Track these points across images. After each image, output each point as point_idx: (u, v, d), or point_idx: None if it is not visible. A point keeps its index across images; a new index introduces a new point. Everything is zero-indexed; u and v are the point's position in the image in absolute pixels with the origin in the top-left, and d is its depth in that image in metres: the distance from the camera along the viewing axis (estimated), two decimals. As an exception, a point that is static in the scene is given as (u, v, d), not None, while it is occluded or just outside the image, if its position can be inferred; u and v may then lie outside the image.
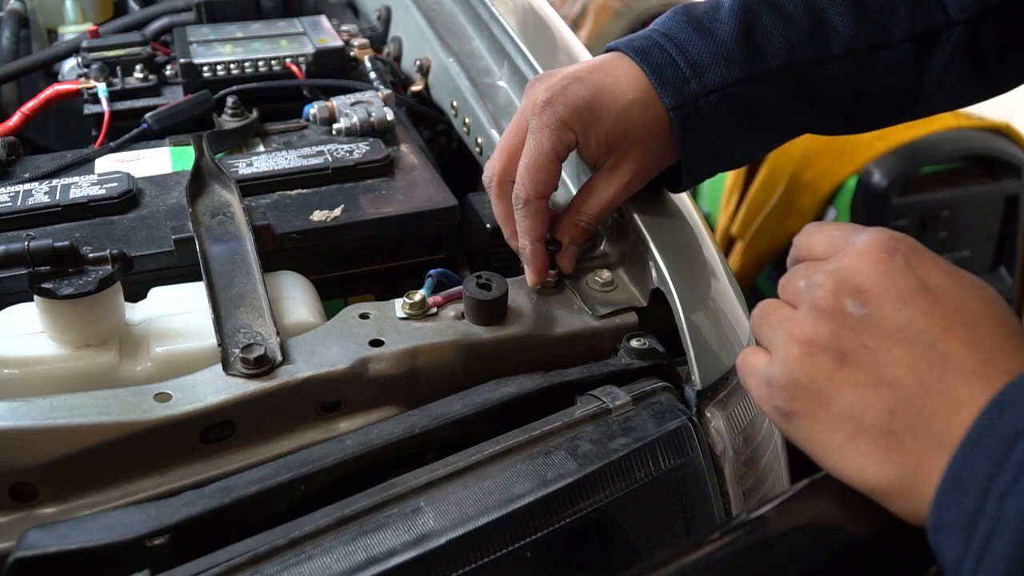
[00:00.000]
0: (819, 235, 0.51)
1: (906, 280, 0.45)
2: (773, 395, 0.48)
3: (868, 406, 0.44)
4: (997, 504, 0.38)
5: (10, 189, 0.77)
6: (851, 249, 0.47)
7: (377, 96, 0.93)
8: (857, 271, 0.46)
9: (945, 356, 0.43)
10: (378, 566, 0.50)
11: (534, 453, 0.58)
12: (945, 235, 1.85)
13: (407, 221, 0.79)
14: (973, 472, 0.39)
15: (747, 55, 0.66)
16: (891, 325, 0.44)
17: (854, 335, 0.45)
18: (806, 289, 0.48)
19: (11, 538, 0.52)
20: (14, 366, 0.62)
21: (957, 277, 0.45)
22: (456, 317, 0.67)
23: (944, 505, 0.40)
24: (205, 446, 0.59)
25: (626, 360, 0.67)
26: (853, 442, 0.45)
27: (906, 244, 0.46)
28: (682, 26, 0.68)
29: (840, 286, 0.46)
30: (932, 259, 0.46)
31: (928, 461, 0.42)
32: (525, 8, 0.98)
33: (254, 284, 0.68)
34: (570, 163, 0.82)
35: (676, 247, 0.71)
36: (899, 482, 0.43)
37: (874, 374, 0.44)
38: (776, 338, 0.49)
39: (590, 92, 0.66)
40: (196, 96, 0.93)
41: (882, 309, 0.44)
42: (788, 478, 0.72)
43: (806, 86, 0.68)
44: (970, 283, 0.45)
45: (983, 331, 0.43)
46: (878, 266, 0.45)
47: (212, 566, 0.49)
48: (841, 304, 0.45)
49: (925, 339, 0.43)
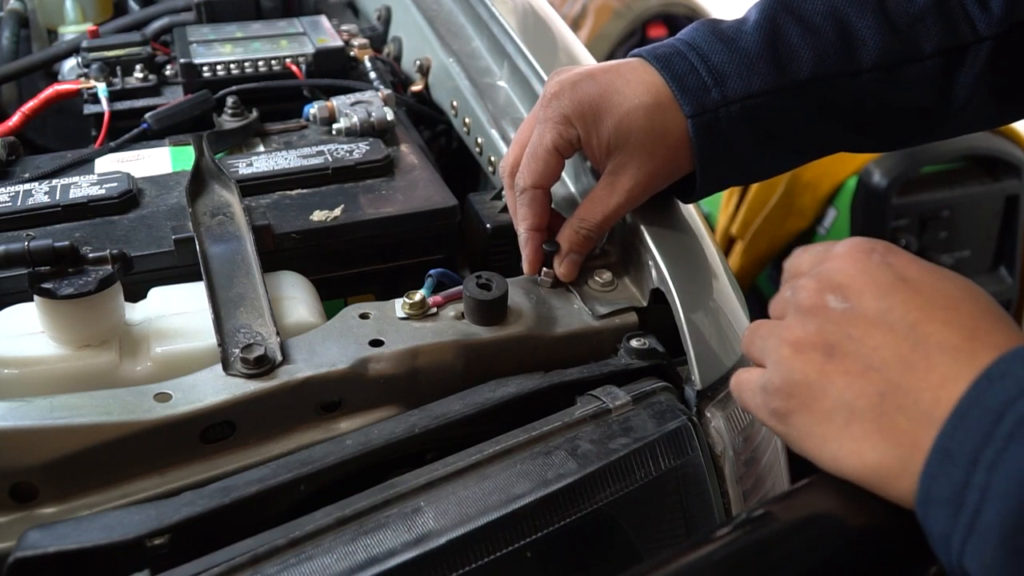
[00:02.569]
0: (804, 255, 0.53)
1: (884, 274, 0.47)
2: (769, 399, 0.50)
3: (859, 392, 0.45)
4: (986, 474, 0.39)
5: (10, 189, 0.77)
6: (832, 254, 0.50)
7: (377, 96, 0.93)
8: (838, 270, 0.48)
9: (927, 336, 0.44)
10: (378, 566, 0.50)
11: (534, 453, 0.58)
12: (945, 235, 1.85)
13: (407, 221, 0.79)
14: (961, 444, 0.40)
15: (771, 67, 0.65)
16: (872, 314, 0.46)
17: (839, 327, 0.47)
18: (792, 296, 0.50)
19: (11, 538, 0.52)
20: (14, 366, 0.62)
21: (934, 271, 0.47)
22: (456, 317, 0.67)
23: (933, 476, 0.41)
24: (205, 446, 0.59)
25: (626, 360, 0.67)
26: (848, 428, 0.46)
27: (883, 245, 0.49)
28: (706, 36, 0.67)
29: (821, 285, 0.48)
30: (908, 257, 0.48)
31: (921, 437, 0.43)
32: (525, 8, 0.98)
33: (254, 284, 0.68)
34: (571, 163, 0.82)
35: (676, 247, 0.71)
36: (896, 463, 0.44)
37: (861, 361, 0.46)
38: (767, 347, 0.51)
39: (598, 91, 0.66)
40: (196, 96, 0.93)
41: (863, 300, 0.47)
42: (788, 478, 0.72)
43: (831, 101, 0.67)
44: (948, 275, 0.47)
45: (964, 313, 0.45)
46: (857, 264, 0.48)
47: (212, 566, 0.49)
48: (823, 300, 0.48)
49: (906, 323, 0.45)
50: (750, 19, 0.67)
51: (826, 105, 0.67)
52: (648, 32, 2.60)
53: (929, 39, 0.66)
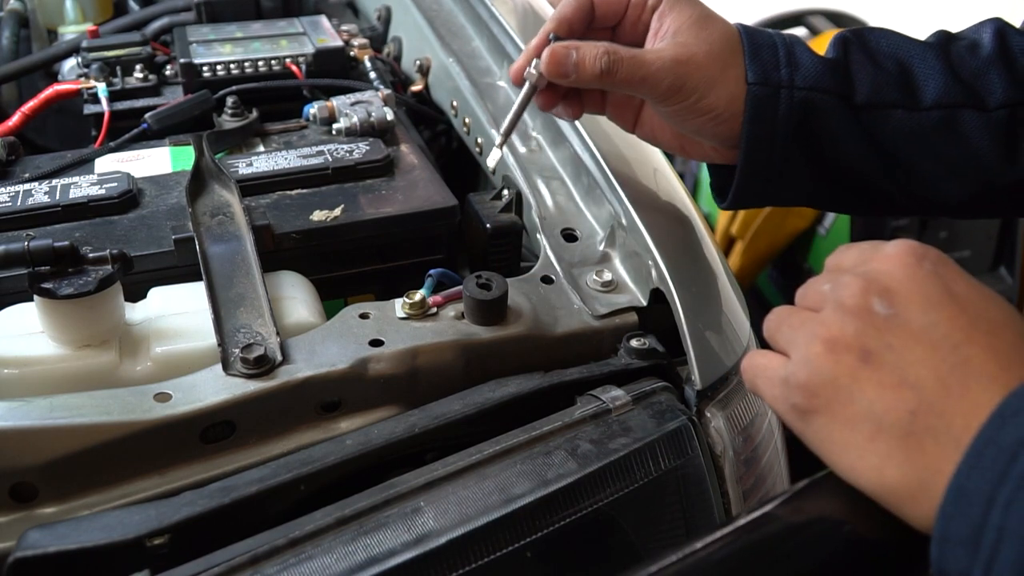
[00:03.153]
0: (850, 251, 0.51)
1: (933, 285, 0.45)
2: (790, 393, 0.48)
3: (890, 406, 0.44)
4: (1002, 514, 0.38)
5: (10, 189, 0.77)
6: (880, 255, 0.48)
7: (377, 96, 0.93)
8: (885, 273, 0.46)
9: (968, 360, 0.43)
10: (378, 566, 0.50)
11: (534, 453, 0.58)
12: (945, 235, 1.85)
13: (407, 221, 0.79)
14: (977, 483, 0.39)
15: (840, 79, 0.65)
16: (916, 327, 0.44)
17: (880, 334, 0.45)
18: (832, 290, 0.48)
19: (11, 538, 0.52)
20: (14, 366, 0.62)
21: (980, 289, 0.46)
22: (456, 317, 0.67)
23: (950, 516, 0.40)
24: (205, 446, 0.59)
25: (626, 360, 0.67)
26: (873, 442, 0.44)
27: (934, 253, 0.47)
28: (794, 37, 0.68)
29: (868, 286, 0.46)
30: (957, 270, 0.47)
31: (947, 463, 0.41)
32: (525, 8, 0.98)
33: (254, 284, 0.68)
34: (571, 162, 0.82)
35: (676, 247, 0.71)
36: (917, 484, 0.43)
37: (897, 374, 0.44)
38: (797, 338, 0.48)
39: None
40: (196, 96, 0.93)
41: (908, 310, 0.45)
42: (788, 478, 0.72)
43: (885, 132, 0.65)
44: (992, 296, 0.46)
45: (1004, 340, 0.44)
46: (906, 269, 0.46)
47: (212, 566, 0.49)
48: (868, 303, 0.46)
49: (949, 342, 0.44)
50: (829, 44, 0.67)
51: (874, 133, 0.65)
52: (648, 32, 2.59)
53: (994, 91, 0.65)
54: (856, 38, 0.67)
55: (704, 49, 0.64)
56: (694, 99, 0.64)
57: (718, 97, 0.64)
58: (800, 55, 0.65)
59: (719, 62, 0.64)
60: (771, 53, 0.65)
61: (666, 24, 0.66)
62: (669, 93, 0.64)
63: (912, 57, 0.66)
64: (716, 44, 0.64)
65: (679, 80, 0.64)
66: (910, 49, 0.66)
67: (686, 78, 0.64)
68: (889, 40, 0.67)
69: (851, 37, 0.67)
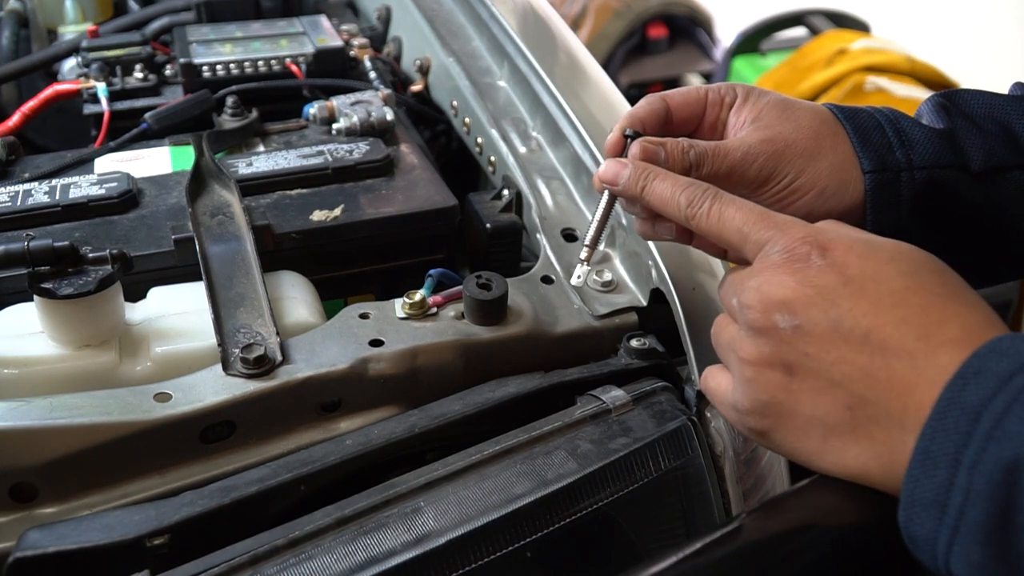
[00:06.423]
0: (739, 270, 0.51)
1: (825, 278, 0.46)
2: (743, 418, 0.50)
3: (828, 409, 0.46)
4: (968, 475, 0.39)
5: (10, 189, 0.77)
6: (768, 264, 0.48)
7: (377, 96, 0.93)
8: (778, 284, 0.47)
9: (882, 344, 0.44)
10: (378, 566, 0.50)
11: (534, 453, 0.58)
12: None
13: (407, 221, 0.79)
14: (942, 445, 0.40)
15: (954, 150, 0.61)
16: (823, 329, 0.45)
17: (793, 347, 0.46)
18: (738, 310, 0.49)
19: (11, 538, 0.53)
20: (14, 366, 0.62)
21: (875, 255, 0.46)
22: (456, 317, 0.67)
23: (916, 479, 0.41)
24: (205, 446, 0.59)
25: (626, 360, 0.67)
26: (827, 443, 0.46)
27: (820, 239, 0.47)
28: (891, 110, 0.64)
29: (766, 305, 0.47)
30: (844, 244, 0.47)
31: (897, 444, 0.43)
32: (525, 8, 0.98)
33: (254, 284, 0.68)
34: (572, 162, 0.82)
35: (676, 247, 0.71)
36: (879, 469, 0.45)
37: (823, 378, 0.46)
38: (730, 360, 0.51)
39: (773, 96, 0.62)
40: (196, 96, 0.93)
41: (810, 315, 0.46)
42: (788, 478, 0.72)
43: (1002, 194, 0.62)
44: (889, 257, 0.46)
45: (912, 307, 0.44)
46: (796, 275, 0.47)
47: (212, 566, 0.49)
48: (772, 321, 0.47)
49: (858, 333, 0.45)
50: (923, 112, 0.64)
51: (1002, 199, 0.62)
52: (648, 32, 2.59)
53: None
54: (952, 103, 0.64)
55: (791, 127, 0.60)
56: (790, 178, 0.59)
57: (817, 171, 0.59)
58: (910, 131, 0.61)
59: (811, 136, 0.60)
60: (880, 135, 0.61)
61: (743, 114, 0.62)
62: (761, 178, 0.59)
63: (1009, 115, 0.63)
64: (804, 120, 0.60)
65: (770, 161, 0.59)
66: (1004, 107, 0.63)
67: (777, 158, 0.59)
68: (980, 101, 0.64)
69: (947, 103, 0.64)
